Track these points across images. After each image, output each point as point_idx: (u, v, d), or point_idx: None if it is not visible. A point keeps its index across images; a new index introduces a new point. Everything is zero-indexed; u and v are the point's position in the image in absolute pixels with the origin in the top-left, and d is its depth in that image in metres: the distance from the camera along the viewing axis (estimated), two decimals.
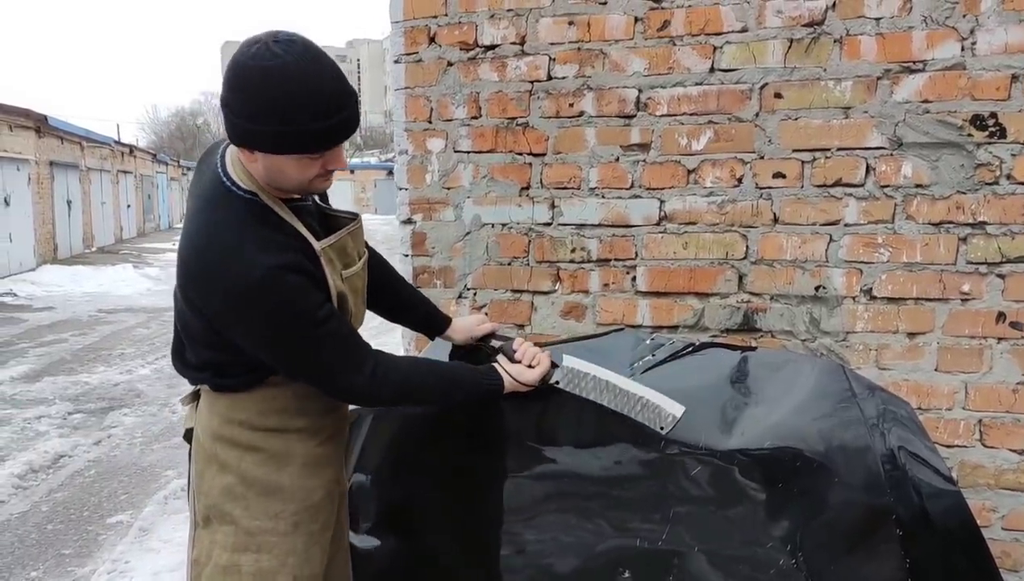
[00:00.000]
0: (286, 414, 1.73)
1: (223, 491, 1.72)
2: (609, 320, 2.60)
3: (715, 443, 1.80)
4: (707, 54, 2.44)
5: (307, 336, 1.58)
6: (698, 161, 2.48)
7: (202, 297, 1.58)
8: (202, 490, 1.75)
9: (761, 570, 1.69)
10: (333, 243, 1.70)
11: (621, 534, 1.80)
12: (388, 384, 1.70)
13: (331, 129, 1.51)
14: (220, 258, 1.54)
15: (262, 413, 1.72)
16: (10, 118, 17.53)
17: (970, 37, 2.23)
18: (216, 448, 1.73)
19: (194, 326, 1.66)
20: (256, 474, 1.72)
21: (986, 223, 2.27)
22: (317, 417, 1.78)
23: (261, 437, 1.72)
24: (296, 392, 1.72)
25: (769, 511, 1.74)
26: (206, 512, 1.75)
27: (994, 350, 2.31)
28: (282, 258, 1.55)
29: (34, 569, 4.06)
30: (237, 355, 1.64)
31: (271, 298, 1.53)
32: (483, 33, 2.63)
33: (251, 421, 1.72)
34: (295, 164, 1.54)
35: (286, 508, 1.72)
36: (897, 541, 1.66)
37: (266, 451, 1.72)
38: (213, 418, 1.74)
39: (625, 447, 1.87)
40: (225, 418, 1.72)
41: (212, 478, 1.73)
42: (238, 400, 1.71)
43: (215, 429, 1.73)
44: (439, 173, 2.73)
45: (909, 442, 1.80)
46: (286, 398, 1.72)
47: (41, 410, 6.89)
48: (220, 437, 1.73)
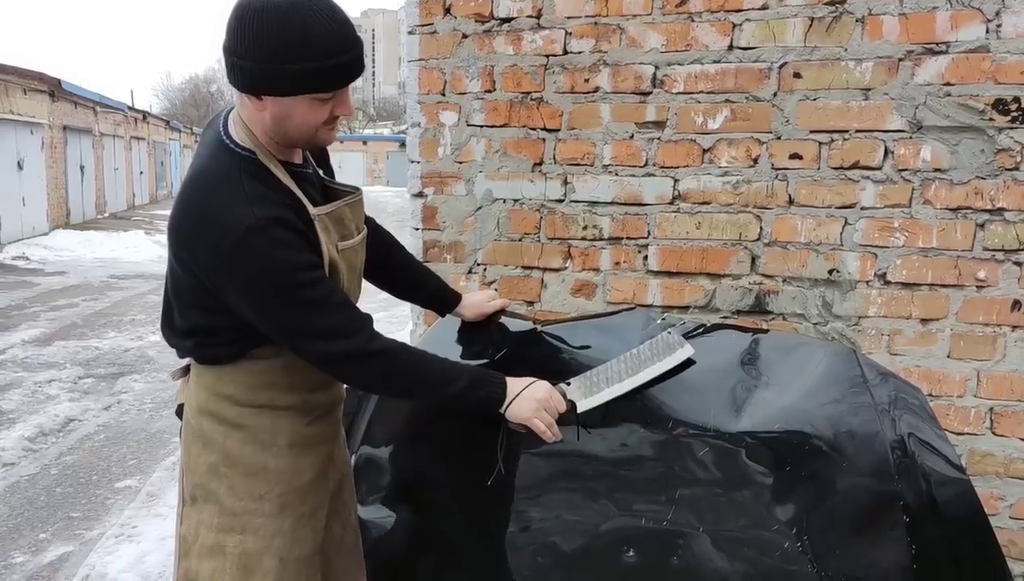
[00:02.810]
0: (275, 389, 1.67)
1: (208, 469, 1.68)
2: (619, 299, 2.59)
3: (723, 425, 1.79)
4: (726, 31, 2.40)
5: (297, 294, 1.50)
6: (714, 140, 2.45)
7: (191, 251, 1.53)
8: (189, 467, 1.71)
9: (766, 553, 1.69)
10: (330, 212, 1.64)
11: (626, 513, 1.80)
12: (381, 359, 1.59)
13: (342, 67, 1.49)
14: (209, 210, 1.49)
15: (250, 387, 1.66)
16: (24, 81, 17.51)
17: (995, 19, 2.19)
18: (202, 424, 1.68)
19: (183, 285, 1.60)
20: (241, 453, 1.66)
21: (1004, 209, 2.24)
22: (308, 394, 1.72)
23: (248, 414, 1.67)
24: (286, 366, 1.66)
25: (776, 494, 1.74)
26: (192, 490, 1.71)
27: (1008, 338, 2.28)
28: (273, 211, 1.50)
29: (43, 531, 4.10)
30: (226, 317, 1.58)
31: (260, 249, 1.46)
32: (499, 5, 2.60)
33: (238, 396, 1.66)
34: (306, 107, 1.51)
35: (272, 489, 1.67)
36: (904, 527, 1.65)
37: (251, 429, 1.67)
38: (200, 392, 1.69)
39: (633, 427, 1.86)
40: (212, 392, 1.67)
41: (198, 455, 1.69)
42: (225, 373, 1.66)
43: (201, 404, 1.69)
44: (451, 147, 2.71)
45: (919, 429, 1.79)
46: (275, 372, 1.66)
47: (52, 374, 6.94)
48: (206, 412, 1.68)
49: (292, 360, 1.63)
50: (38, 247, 15.95)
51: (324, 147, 1.72)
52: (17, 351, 7.74)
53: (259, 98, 1.50)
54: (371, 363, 1.58)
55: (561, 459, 1.91)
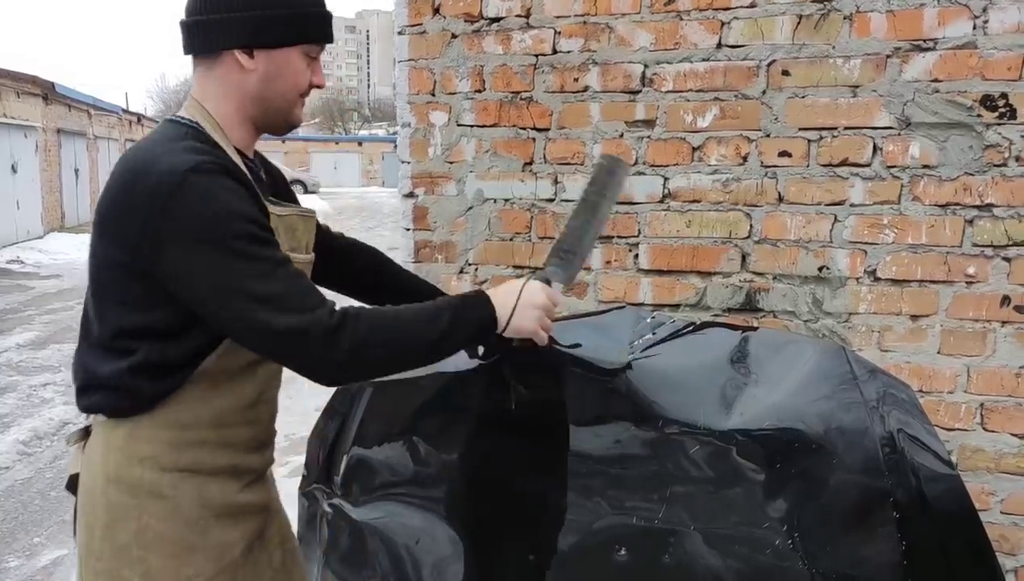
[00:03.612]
0: (203, 449, 1.43)
1: (117, 552, 1.40)
2: (611, 297, 2.59)
3: (714, 423, 1.79)
4: (715, 29, 2.40)
5: (243, 247, 1.28)
6: (703, 138, 2.45)
7: (120, 219, 1.32)
8: (90, 551, 1.43)
9: (757, 550, 1.69)
10: (283, 215, 1.47)
11: (618, 512, 1.80)
12: (348, 331, 1.31)
13: (325, 18, 1.47)
14: (143, 165, 1.32)
15: (174, 447, 1.40)
16: (17, 85, 17.48)
17: (982, 15, 2.20)
18: (110, 496, 1.40)
19: (106, 282, 1.39)
20: (161, 529, 1.39)
21: (993, 205, 2.25)
22: (242, 455, 1.49)
23: (171, 481, 1.40)
24: (216, 419, 1.44)
25: (767, 491, 1.74)
26: (93, 578, 1.43)
27: (997, 334, 2.29)
28: (216, 162, 1.32)
29: (37, 535, 4.10)
30: (157, 313, 1.35)
31: (203, 190, 1.28)
32: (488, 5, 2.60)
33: (159, 458, 1.40)
34: (298, 63, 1.44)
35: (200, 572, 1.42)
36: (894, 524, 1.65)
37: (174, 500, 1.40)
38: (109, 456, 1.41)
39: (623, 426, 1.86)
40: (125, 454, 1.40)
41: (103, 536, 1.41)
42: (142, 429, 1.40)
43: (111, 471, 1.41)
44: (442, 147, 2.71)
45: (909, 425, 1.79)
46: (203, 428, 1.43)
47: (47, 377, 6.93)
48: (116, 481, 1.40)
49: (224, 412, 1.44)
50: (32, 250, 15.93)
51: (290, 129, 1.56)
52: (12, 355, 7.73)
53: (250, 56, 1.40)
54: (338, 338, 1.30)
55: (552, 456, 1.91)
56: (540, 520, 1.89)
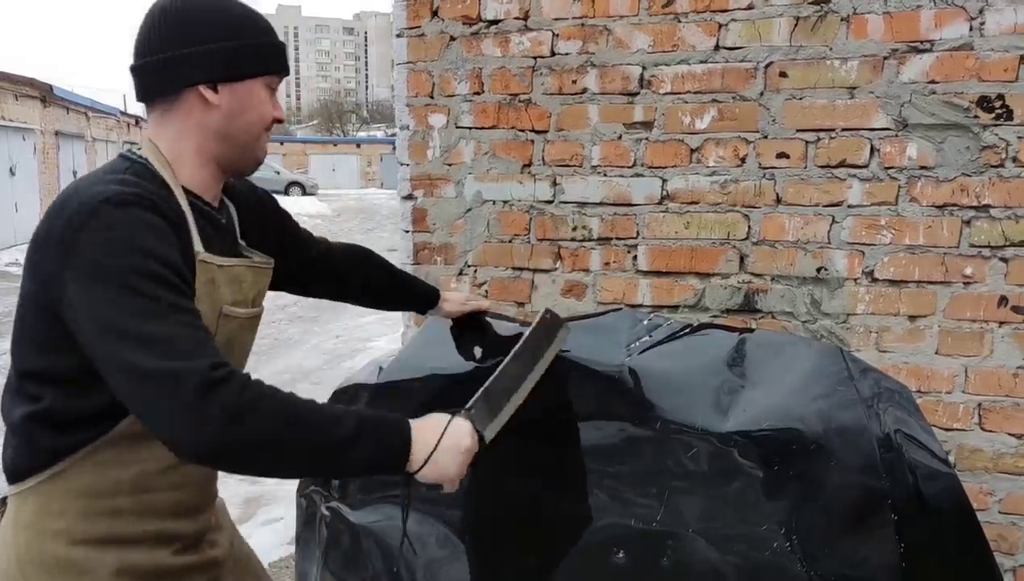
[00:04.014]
0: (120, 518, 1.30)
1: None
2: (610, 299, 2.59)
3: (711, 424, 1.80)
4: (712, 31, 2.41)
5: (139, 285, 1.14)
6: (701, 140, 2.46)
7: (38, 251, 1.23)
8: None
9: (756, 552, 1.70)
10: (223, 266, 1.36)
11: (616, 514, 1.80)
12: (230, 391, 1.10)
13: (283, 48, 1.44)
14: (66, 198, 1.23)
15: (86, 516, 1.28)
16: (15, 87, 17.48)
17: (979, 17, 2.20)
18: (27, 574, 1.27)
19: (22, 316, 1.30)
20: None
21: (990, 206, 2.25)
22: (167, 520, 1.35)
23: (86, 554, 1.27)
24: (135, 482, 1.31)
25: (764, 493, 1.75)
26: None
27: (995, 334, 2.30)
28: (140, 195, 1.22)
29: None
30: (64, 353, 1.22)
31: (115, 220, 1.17)
32: (486, 7, 2.61)
33: (71, 530, 1.27)
34: (262, 93, 1.39)
35: None
36: (892, 524, 1.66)
37: (93, 573, 1.27)
38: (19, 536, 1.28)
39: (621, 428, 1.87)
40: (36, 531, 1.27)
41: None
42: (54, 499, 1.27)
43: (22, 551, 1.27)
44: (440, 149, 2.72)
45: (906, 425, 1.80)
46: (119, 491, 1.30)
47: None
48: (30, 561, 1.27)
49: (143, 476, 1.31)
50: None
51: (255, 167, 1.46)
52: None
53: (214, 91, 1.33)
54: (216, 393, 1.09)
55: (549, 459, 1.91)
56: (538, 522, 1.89)
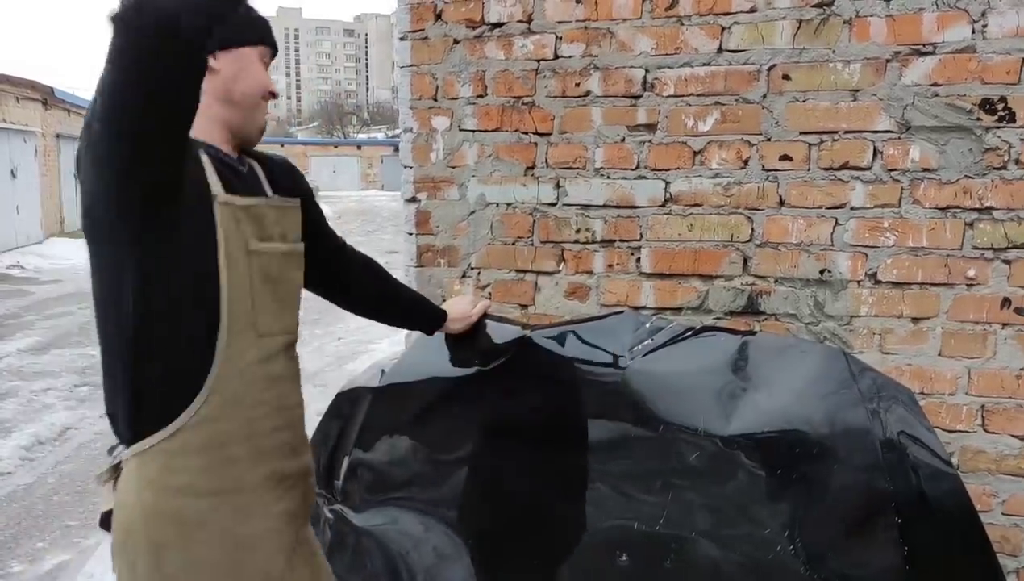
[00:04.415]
0: (239, 465, 1.42)
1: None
2: (613, 301, 2.60)
3: (715, 427, 1.80)
4: (715, 34, 2.42)
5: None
6: (704, 142, 2.46)
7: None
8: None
9: (759, 554, 1.70)
10: (244, 205, 1.47)
11: (619, 517, 1.81)
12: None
13: (271, 27, 1.59)
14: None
15: (209, 469, 1.39)
16: (16, 90, 17.49)
17: (981, 20, 2.21)
18: (152, 530, 1.37)
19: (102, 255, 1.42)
20: (206, 555, 1.39)
21: (993, 208, 2.26)
22: (276, 462, 1.49)
23: (210, 506, 1.39)
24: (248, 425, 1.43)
25: (768, 495, 1.75)
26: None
27: (998, 336, 2.30)
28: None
29: (40, 540, 4.10)
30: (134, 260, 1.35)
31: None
32: (490, 11, 2.61)
33: (196, 484, 1.38)
34: (256, 62, 1.53)
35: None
36: (896, 527, 1.66)
37: (217, 523, 1.40)
38: (143, 492, 1.38)
39: (624, 430, 1.87)
40: (161, 487, 1.37)
41: (148, 571, 1.38)
42: (175, 458, 1.38)
43: (148, 507, 1.38)
44: (444, 151, 2.72)
45: (909, 427, 1.80)
46: (233, 439, 1.42)
47: (48, 382, 6.94)
48: (157, 515, 1.38)
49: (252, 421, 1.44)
50: (33, 256, 15.93)
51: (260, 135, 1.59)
52: (12, 360, 7.73)
53: (213, 57, 1.44)
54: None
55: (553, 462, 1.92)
56: (541, 525, 1.90)
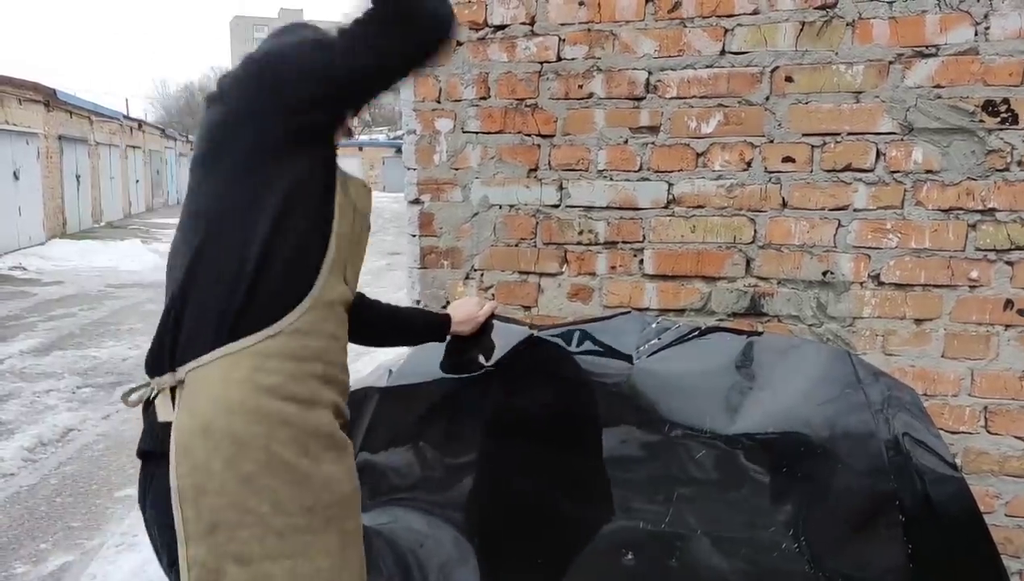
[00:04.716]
0: (317, 382, 1.52)
1: (242, 483, 1.42)
2: (616, 303, 2.60)
3: (720, 427, 1.81)
4: (718, 36, 2.42)
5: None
6: (707, 144, 2.47)
7: (241, 87, 1.55)
8: (209, 488, 1.42)
9: (764, 554, 1.71)
10: (351, 178, 1.65)
11: (625, 517, 1.81)
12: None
13: None
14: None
15: (295, 377, 1.48)
16: (19, 92, 17.52)
17: (984, 22, 2.21)
18: (236, 426, 1.42)
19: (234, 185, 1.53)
20: (286, 457, 1.45)
21: (996, 210, 2.26)
22: (340, 394, 1.61)
23: (293, 410, 1.47)
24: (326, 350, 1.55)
25: (772, 495, 1.75)
26: (212, 516, 1.42)
27: (1001, 337, 2.30)
28: None
29: (43, 541, 4.11)
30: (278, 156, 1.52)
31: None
32: (493, 13, 2.62)
33: (283, 387, 1.46)
34: None
35: (319, 500, 1.49)
36: (900, 527, 1.67)
37: (296, 428, 1.47)
38: (232, 389, 1.43)
39: (630, 431, 1.88)
40: (252, 386, 1.44)
41: (224, 469, 1.42)
42: (268, 359, 1.46)
43: (235, 403, 1.43)
44: (447, 153, 2.73)
45: (913, 428, 1.81)
46: (318, 358, 1.53)
47: (50, 384, 6.94)
48: (244, 411, 1.43)
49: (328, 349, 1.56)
50: (35, 257, 15.95)
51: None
52: (15, 361, 7.74)
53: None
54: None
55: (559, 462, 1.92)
56: (547, 525, 1.90)
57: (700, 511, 1.77)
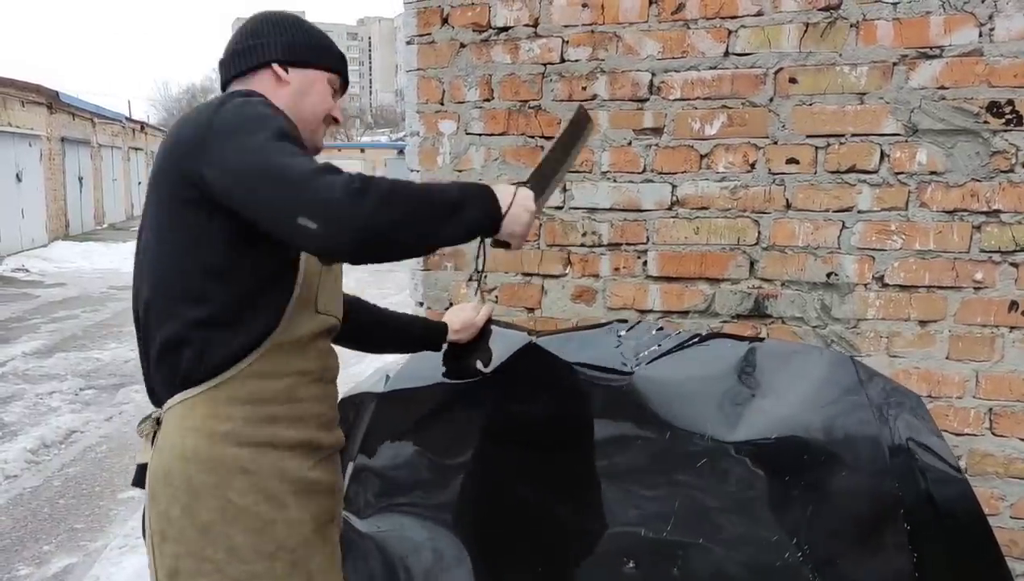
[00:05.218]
0: (278, 424, 1.48)
1: (200, 531, 1.42)
2: (619, 305, 2.60)
3: (722, 434, 1.80)
4: (722, 38, 2.42)
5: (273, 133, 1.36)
6: (711, 146, 2.46)
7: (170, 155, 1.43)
8: (169, 535, 1.44)
9: (768, 562, 1.69)
10: None
11: (626, 524, 1.80)
12: (372, 182, 1.30)
13: (346, 60, 1.69)
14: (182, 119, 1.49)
15: (251, 421, 1.45)
16: (22, 94, 17.54)
17: (988, 23, 2.21)
18: (191, 474, 1.42)
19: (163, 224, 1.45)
20: (244, 504, 1.43)
21: (1000, 211, 2.25)
22: (313, 431, 1.56)
23: (250, 455, 1.45)
24: (289, 392, 1.50)
25: (776, 503, 1.74)
26: (175, 562, 1.43)
27: (1006, 339, 2.30)
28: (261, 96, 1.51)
29: (46, 543, 4.11)
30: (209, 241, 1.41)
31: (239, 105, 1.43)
32: (496, 15, 2.62)
33: (238, 433, 1.44)
34: (323, 86, 1.64)
35: (282, 545, 1.47)
36: (905, 533, 1.66)
37: (255, 474, 1.45)
38: (188, 437, 1.43)
39: (630, 436, 1.87)
40: (205, 433, 1.43)
41: (182, 516, 1.42)
42: (221, 405, 1.44)
43: (189, 450, 1.43)
44: (451, 155, 2.73)
45: (917, 432, 1.80)
46: (278, 400, 1.49)
47: (53, 386, 6.95)
48: (197, 460, 1.43)
49: (294, 386, 1.52)
50: (37, 259, 15.97)
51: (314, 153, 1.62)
52: (18, 363, 7.75)
53: (285, 70, 1.58)
54: (365, 185, 1.29)
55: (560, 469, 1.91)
56: (547, 533, 1.89)
57: (702, 519, 1.76)
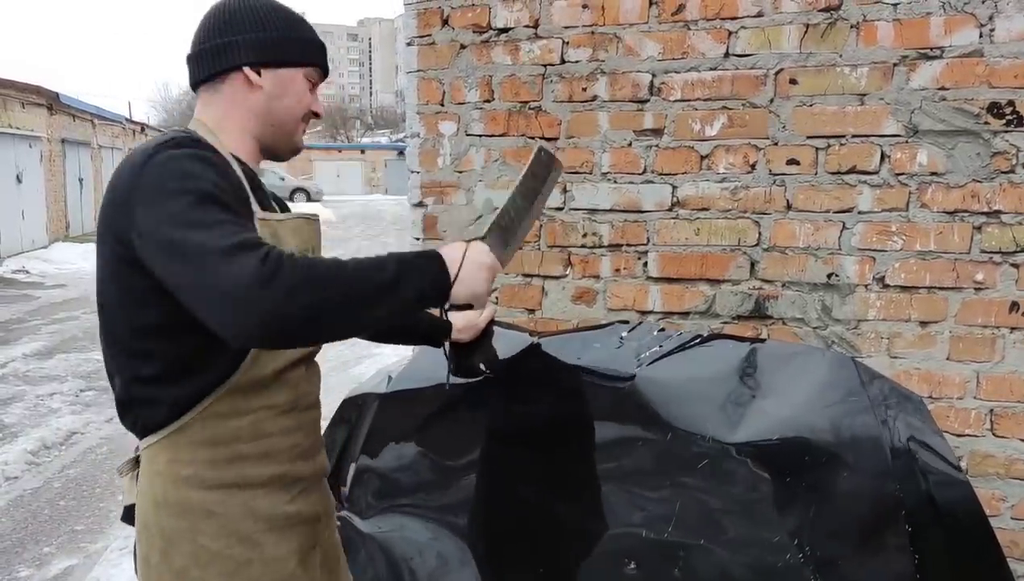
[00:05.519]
0: (245, 463, 1.43)
1: (176, 575, 1.40)
2: (620, 306, 2.60)
3: (723, 435, 1.79)
4: (722, 39, 2.42)
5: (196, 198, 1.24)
6: (711, 147, 2.46)
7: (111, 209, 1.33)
8: (151, 579, 1.43)
9: (769, 564, 1.69)
10: (283, 219, 1.49)
11: (627, 526, 1.80)
12: (287, 261, 1.18)
13: (324, 49, 1.58)
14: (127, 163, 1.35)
15: (214, 464, 1.40)
16: (22, 95, 17.53)
17: (988, 23, 2.21)
18: (162, 521, 1.40)
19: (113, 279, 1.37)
20: (216, 548, 1.40)
21: (1001, 212, 2.25)
22: (286, 464, 1.49)
23: (217, 498, 1.40)
24: (254, 428, 1.44)
25: (777, 504, 1.74)
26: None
27: (1007, 339, 2.29)
28: (196, 145, 1.35)
29: (47, 545, 4.11)
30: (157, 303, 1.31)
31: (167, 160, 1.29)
32: (496, 16, 2.62)
33: (202, 476, 1.40)
34: (301, 85, 1.52)
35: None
36: (906, 535, 1.66)
37: (224, 516, 1.41)
38: (155, 483, 1.41)
39: (631, 438, 1.87)
40: (169, 478, 1.40)
41: (161, 561, 1.41)
42: (182, 450, 1.40)
43: (158, 496, 1.40)
44: (451, 156, 2.73)
45: (919, 433, 1.80)
46: (241, 439, 1.43)
47: (53, 387, 6.95)
48: (166, 505, 1.40)
49: (259, 422, 1.45)
50: (38, 260, 15.96)
51: (292, 154, 1.61)
52: (18, 365, 7.75)
53: (257, 73, 1.47)
54: (280, 264, 1.18)
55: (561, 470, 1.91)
56: (548, 534, 1.89)
57: (704, 520, 1.76)
